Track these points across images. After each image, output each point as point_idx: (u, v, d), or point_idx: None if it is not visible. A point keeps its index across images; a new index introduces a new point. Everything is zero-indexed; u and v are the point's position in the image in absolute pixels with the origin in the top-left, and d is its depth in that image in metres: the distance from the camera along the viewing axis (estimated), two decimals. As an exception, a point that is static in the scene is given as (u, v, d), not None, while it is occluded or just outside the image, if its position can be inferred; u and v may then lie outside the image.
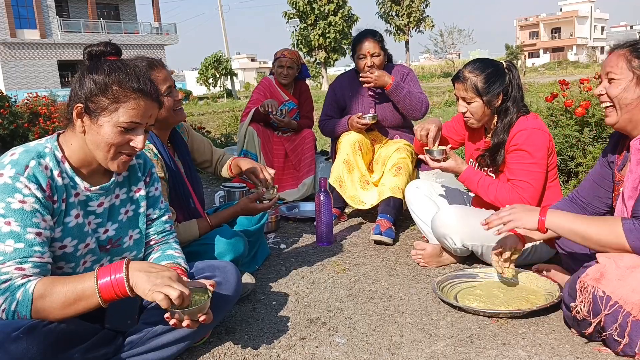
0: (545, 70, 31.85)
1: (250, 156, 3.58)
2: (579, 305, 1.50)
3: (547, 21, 64.00)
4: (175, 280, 1.32)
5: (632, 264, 1.45)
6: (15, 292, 1.24)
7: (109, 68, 1.38)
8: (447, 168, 2.27)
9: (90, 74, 1.37)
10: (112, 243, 1.52)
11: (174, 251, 1.63)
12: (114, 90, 1.35)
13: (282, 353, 1.64)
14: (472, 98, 2.21)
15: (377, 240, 2.72)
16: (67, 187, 1.40)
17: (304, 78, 4.00)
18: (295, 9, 29.27)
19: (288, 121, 3.75)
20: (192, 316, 1.35)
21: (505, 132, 2.22)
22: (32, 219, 1.29)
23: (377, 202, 2.96)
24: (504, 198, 2.17)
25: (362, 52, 3.10)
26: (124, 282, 1.28)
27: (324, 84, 31.09)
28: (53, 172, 1.36)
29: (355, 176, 3.05)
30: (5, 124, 6.75)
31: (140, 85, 1.38)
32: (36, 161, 1.33)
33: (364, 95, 3.24)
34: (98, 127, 1.36)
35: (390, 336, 1.72)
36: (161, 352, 1.51)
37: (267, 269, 2.43)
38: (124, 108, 1.36)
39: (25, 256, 1.27)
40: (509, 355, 1.57)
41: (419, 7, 35.62)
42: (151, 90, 1.41)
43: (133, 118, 1.37)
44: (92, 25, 30.47)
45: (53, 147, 1.40)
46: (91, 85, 1.36)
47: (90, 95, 1.35)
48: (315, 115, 4.26)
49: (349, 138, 3.09)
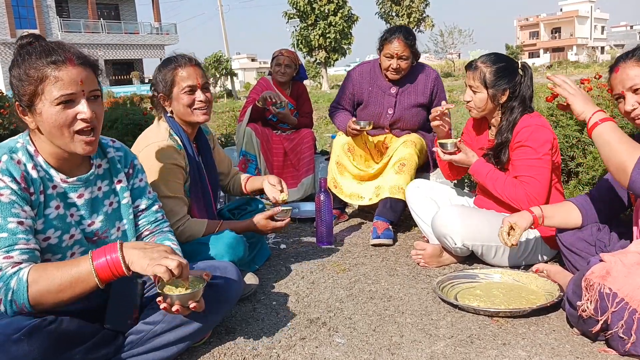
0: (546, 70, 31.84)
1: (250, 157, 3.59)
2: (585, 303, 1.49)
3: (547, 21, 63.97)
4: (171, 253, 1.34)
5: (637, 261, 1.46)
6: (8, 282, 1.25)
7: (19, 58, 1.37)
8: (459, 160, 2.29)
9: (10, 71, 1.38)
10: (99, 235, 1.53)
11: (170, 242, 1.64)
12: (31, 74, 1.34)
13: (282, 353, 1.64)
14: (477, 87, 2.24)
15: (376, 244, 2.71)
16: (43, 179, 1.41)
17: (301, 79, 3.98)
18: (295, 9, 29.26)
19: (286, 113, 3.71)
20: (183, 302, 1.36)
21: (509, 130, 2.23)
22: (11, 209, 1.31)
23: (376, 200, 2.90)
24: (510, 193, 2.17)
25: (389, 51, 2.90)
26: (119, 261, 1.29)
27: (324, 84, 31.08)
28: (27, 166, 1.38)
29: (348, 176, 3.03)
30: (5, 124, 6.75)
31: (52, 57, 1.35)
32: (8, 156, 1.35)
33: (385, 92, 3.06)
34: (40, 116, 1.36)
35: (390, 336, 1.72)
36: (161, 352, 1.51)
37: (267, 269, 2.43)
38: (49, 85, 1.34)
39: (11, 244, 1.28)
40: (509, 355, 1.57)
41: (419, 7, 35.59)
42: (67, 56, 1.37)
43: (62, 90, 1.34)
44: (92, 26, 30.48)
45: (25, 141, 1.41)
46: (13, 80, 1.36)
47: (17, 92, 1.36)
48: (315, 116, 4.26)
49: (339, 140, 3.07)
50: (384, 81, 3.07)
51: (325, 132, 7.04)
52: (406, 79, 3.05)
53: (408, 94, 3.06)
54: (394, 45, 2.89)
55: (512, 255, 2.25)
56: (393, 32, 2.94)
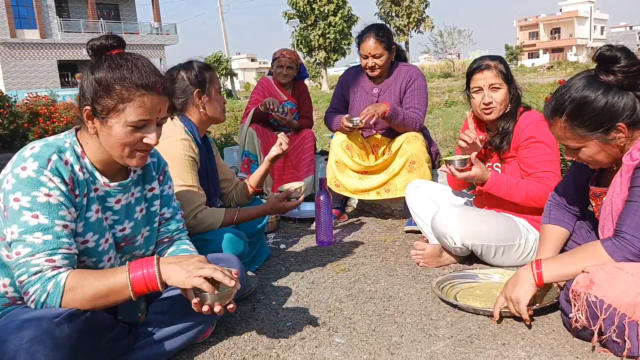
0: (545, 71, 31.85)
1: (252, 157, 3.61)
2: (576, 314, 1.49)
3: (546, 21, 64.00)
4: (206, 262, 1.36)
5: (618, 265, 1.47)
6: (46, 284, 1.25)
7: (109, 66, 1.35)
8: (474, 177, 2.21)
9: (92, 73, 1.35)
10: (126, 241, 1.54)
11: (188, 246, 1.66)
12: (117, 89, 1.33)
13: (282, 353, 1.64)
14: (500, 84, 2.21)
15: (409, 230, 2.93)
16: (88, 181, 1.40)
17: (302, 78, 4.00)
18: (295, 9, 29.29)
19: (289, 119, 3.75)
20: (222, 301, 1.36)
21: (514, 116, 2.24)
22: (59, 211, 1.30)
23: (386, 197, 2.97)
24: (534, 193, 2.16)
25: (363, 51, 3.00)
26: (155, 276, 1.30)
27: (323, 84, 31.09)
28: (74, 167, 1.36)
29: (349, 173, 3.05)
30: (5, 124, 6.75)
31: (144, 80, 1.35)
32: (57, 155, 1.33)
33: (368, 92, 3.16)
34: (108, 129, 1.35)
35: (390, 336, 1.72)
36: (171, 342, 1.55)
37: (267, 269, 2.43)
38: (131, 107, 1.34)
39: (55, 248, 1.28)
40: (509, 355, 1.57)
41: (418, 8, 35.64)
42: (157, 83, 1.37)
43: (141, 116, 1.35)
44: (92, 26, 30.47)
45: (72, 142, 1.39)
46: (94, 85, 1.34)
47: (95, 97, 1.34)
48: (316, 116, 4.26)
49: (337, 139, 3.08)
50: (367, 82, 3.16)
51: (325, 132, 7.04)
52: (388, 78, 3.12)
53: (389, 94, 3.10)
54: (366, 44, 2.96)
55: (512, 255, 2.26)
56: (365, 31, 2.99)
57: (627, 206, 1.53)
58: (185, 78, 2.14)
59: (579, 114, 1.56)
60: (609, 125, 1.54)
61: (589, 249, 1.57)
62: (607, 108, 1.53)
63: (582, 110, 1.55)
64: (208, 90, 2.17)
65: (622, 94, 1.53)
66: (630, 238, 1.48)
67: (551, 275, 1.62)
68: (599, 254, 1.52)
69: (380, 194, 2.99)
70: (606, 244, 1.52)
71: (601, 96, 1.53)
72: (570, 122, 1.59)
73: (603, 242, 1.54)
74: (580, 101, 1.55)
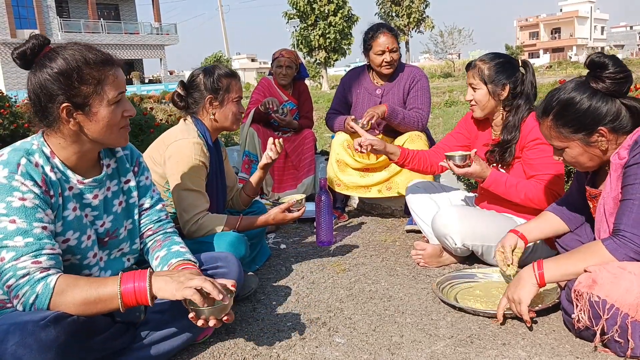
0: (545, 71, 31.83)
1: (252, 157, 3.62)
2: (578, 314, 1.50)
3: (547, 21, 64.01)
4: (198, 275, 1.38)
5: (621, 265, 1.47)
6: (35, 286, 1.25)
7: (64, 58, 1.33)
8: (473, 173, 2.21)
9: (52, 69, 1.32)
10: (109, 235, 1.54)
11: (179, 247, 1.63)
12: (88, 73, 1.35)
13: (282, 353, 1.64)
14: (477, 84, 2.26)
15: (409, 229, 2.92)
16: (61, 181, 1.40)
17: (302, 78, 4.00)
18: (295, 9, 29.26)
19: (289, 120, 3.74)
20: (217, 315, 1.36)
21: (516, 129, 2.22)
22: (36, 214, 1.30)
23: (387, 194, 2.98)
24: (533, 195, 2.16)
25: (380, 47, 2.97)
26: (146, 290, 1.31)
27: (324, 84, 31.07)
28: (45, 168, 1.36)
29: (349, 171, 3.06)
30: (5, 124, 6.74)
31: (102, 57, 1.38)
32: (26, 159, 1.33)
33: (371, 93, 3.16)
34: (95, 116, 1.37)
35: (390, 336, 1.72)
36: (171, 342, 1.55)
37: (267, 269, 2.43)
38: (107, 85, 1.38)
39: (38, 249, 1.28)
40: (509, 355, 1.57)
41: (418, 8, 35.63)
42: (110, 56, 1.42)
43: (118, 90, 1.40)
44: (92, 26, 30.51)
45: (40, 143, 1.39)
46: (60, 80, 1.32)
47: (68, 90, 1.33)
48: (316, 116, 4.26)
49: (338, 138, 3.09)
50: (371, 83, 3.16)
51: (326, 132, 7.04)
52: (391, 79, 3.13)
53: (392, 95, 3.11)
54: (382, 39, 2.98)
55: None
56: (376, 28, 3.02)
57: (623, 204, 1.54)
58: (202, 82, 2.17)
59: (564, 114, 1.64)
60: (592, 128, 1.61)
61: (590, 248, 1.58)
62: (590, 111, 1.60)
63: (567, 111, 1.63)
64: (221, 98, 2.17)
65: (608, 100, 1.60)
66: (630, 236, 1.49)
67: (552, 275, 1.63)
68: (601, 253, 1.53)
69: (381, 191, 3.00)
70: (607, 243, 1.53)
71: (586, 99, 1.61)
72: (555, 122, 1.66)
73: (604, 241, 1.54)
74: (566, 102, 1.63)
